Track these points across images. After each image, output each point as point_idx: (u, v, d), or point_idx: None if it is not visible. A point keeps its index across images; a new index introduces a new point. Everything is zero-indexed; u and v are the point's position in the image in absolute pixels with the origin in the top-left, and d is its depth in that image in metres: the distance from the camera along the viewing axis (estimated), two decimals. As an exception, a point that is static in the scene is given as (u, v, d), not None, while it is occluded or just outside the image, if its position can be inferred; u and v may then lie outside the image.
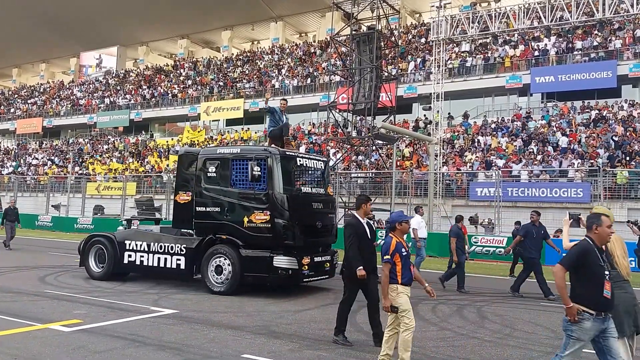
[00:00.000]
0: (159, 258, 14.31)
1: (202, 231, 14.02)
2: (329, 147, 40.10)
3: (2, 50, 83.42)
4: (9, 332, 9.01)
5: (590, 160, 29.23)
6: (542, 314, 12.28)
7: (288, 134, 15.56)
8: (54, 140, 67.74)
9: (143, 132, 61.86)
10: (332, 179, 23.61)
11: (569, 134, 33.38)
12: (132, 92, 64.66)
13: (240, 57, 64.31)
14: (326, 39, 53.65)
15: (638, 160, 28.37)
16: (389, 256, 7.51)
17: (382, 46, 34.42)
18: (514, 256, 18.61)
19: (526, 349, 9.18)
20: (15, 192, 44.39)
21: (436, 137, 32.99)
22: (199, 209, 14.04)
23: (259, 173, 13.00)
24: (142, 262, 14.63)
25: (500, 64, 41.61)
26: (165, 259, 14.20)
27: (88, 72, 79.13)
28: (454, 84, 40.17)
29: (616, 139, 30.96)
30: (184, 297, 12.85)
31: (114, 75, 73.43)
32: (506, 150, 33.70)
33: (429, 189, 29.06)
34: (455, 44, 43.15)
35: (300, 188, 13.94)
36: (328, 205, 14.70)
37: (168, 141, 55.36)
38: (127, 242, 14.93)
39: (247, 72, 58.65)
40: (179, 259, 13.99)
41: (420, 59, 45.80)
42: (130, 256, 14.84)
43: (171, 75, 66.22)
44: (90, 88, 71.69)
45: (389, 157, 34.40)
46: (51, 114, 68.76)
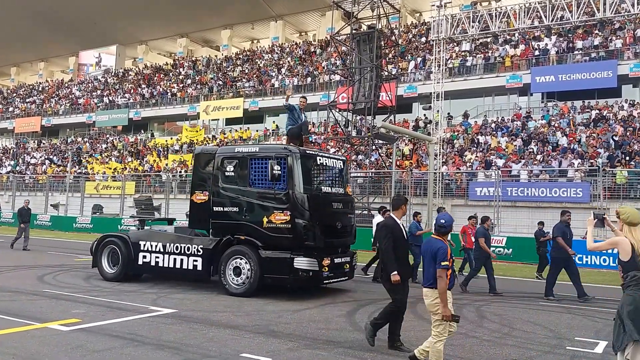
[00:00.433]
0: (174, 259, 14.05)
1: (219, 231, 13.72)
2: (329, 147, 40.06)
3: (0, 49, 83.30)
4: (7, 331, 8.96)
5: (590, 160, 29.19)
6: (541, 314, 12.23)
7: (307, 132, 15.24)
8: (52, 139, 67.72)
9: (142, 131, 61.81)
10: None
11: (568, 133, 33.34)
12: (131, 91, 64.64)
13: (239, 56, 64.29)
14: (326, 38, 53.63)
15: (638, 160, 28.33)
16: (447, 262, 7.17)
17: (382, 45, 34.43)
18: (540, 257, 18.52)
19: (525, 348, 9.15)
20: (13, 191, 44.42)
21: (436, 136, 32.95)
22: (216, 208, 13.79)
23: (279, 172, 12.73)
24: (157, 263, 14.34)
25: (500, 63, 41.58)
26: (182, 260, 13.93)
27: (89, 70, 79.02)
28: (454, 83, 40.18)
29: (616, 138, 30.92)
30: (182, 297, 12.80)
31: (113, 74, 73.40)
32: (506, 150, 33.66)
33: (428, 188, 29.02)
34: (456, 44, 43.12)
35: (320, 187, 13.74)
36: (347, 206, 14.48)
37: (167, 140, 55.32)
38: (141, 242, 14.64)
39: (246, 71, 58.63)
40: (196, 260, 13.72)
41: (420, 58, 45.75)
42: (145, 257, 14.55)
43: (170, 74, 66.19)
44: (89, 87, 71.67)
45: (388, 157, 34.36)
46: (50, 113, 68.75)
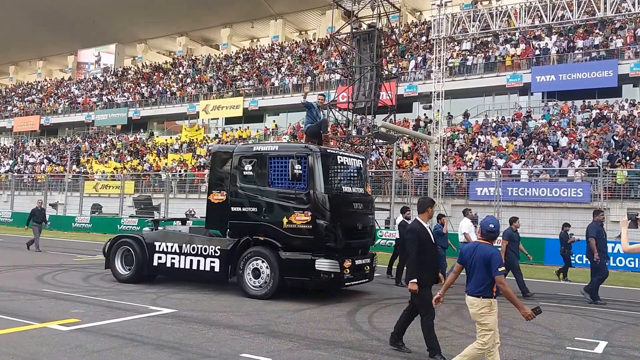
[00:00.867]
0: (191, 260, 13.74)
1: (237, 232, 13.43)
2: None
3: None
4: (6, 331, 8.91)
5: (591, 160, 29.16)
6: (541, 314, 12.16)
7: (327, 130, 14.88)
8: (51, 138, 67.62)
9: (142, 130, 61.75)
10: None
11: (569, 133, 33.31)
12: (131, 90, 64.58)
13: (239, 55, 64.29)
14: (326, 37, 53.58)
15: (638, 160, 28.31)
16: (503, 267, 6.84)
17: (383, 44, 34.37)
18: (564, 260, 18.42)
19: (525, 348, 9.13)
20: (12, 191, 44.34)
21: (436, 136, 32.89)
22: (234, 209, 13.48)
23: (300, 172, 12.47)
24: (173, 264, 14.02)
25: (501, 62, 41.57)
26: (198, 261, 13.63)
27: (90, 68, 78.96)
28: (454, 82, 40.16)
29: (617, 138, 30.88)
30: (182, 297, 12.75)
31: (112, 73, 73.37)
32: (506, 149, 33.63)
33: (428, 188, 29.00)
34: (456, 43, 43.08)
35: (341, 187, 13.51)
36: (367, 206, 14.17)
37: (167, 139, 55.28)
38: (156, 243, 14.32)
39: (246, 70, 58.59)
40: (213, 261, 13.43)
41: (420, 57, 45.72)
42: (160, 258, 14.24)
43: (170, 73, 66.15)
44: (88, 86, 71.63)
45: (389, 156, 34.33)
46: (49, 112, 68.75)
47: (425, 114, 41.10)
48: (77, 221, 37.08)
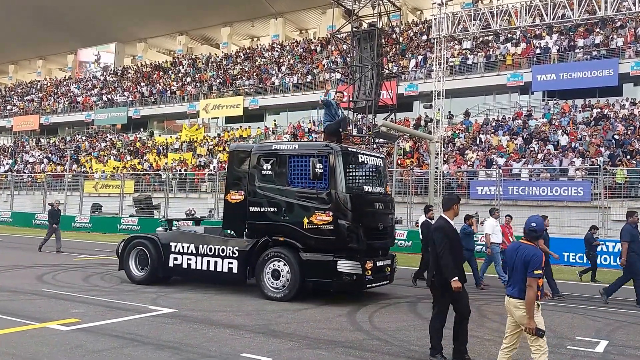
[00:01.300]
0: (208, 261, 13.47)
1: (256, 232, 13.23)
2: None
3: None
4: (6, 331, 8.90)
5: (591, 159, 29.13)
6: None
7: (347, 128, 14.45)
8: (51, 137, 67.57)
9: (142, 130, 61.71)
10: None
11: (569, 132, 33.28)
12: (131, 89, 64.55)
13: (239, 54, 64.24)
14: (327, 36, 53.56)
15: (639, 158, 28.29)
16: (540, 271, 6.48)
17: (383, 43, 34.27)
18: (591, 262, 18.23)
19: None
20: (12, 191, 44.29)
21: (437, 135, 32.87)
22: (252, 209, 13.21)
23: (322, 171, 12.15)
24: (189, 265, 13.75)
25: (501, 61, 41.52)
26: (216, 262, 13.36)
27: (91, 67, 78.92)
28: (455, 81, 40.17)
29: (617, 137, 30.85)
30: (182, 296, 12.72)
31: (112, 72, 73.34)
32: (507, 148, 33.60)
33: (429, 187, 28.96)
34: (457, 42, 43.05)
35: (362, 187, 13.22)
36: (388, 206, 13.87)
37: (167, 139, 55.24)
38: (172, 244, 14.05)
39: (246, 69, 58.56)
40: (231, 262, 13.16)
41: (421, 56, 45.70)
42: (176, 259, 13.96)
43: (170, 72, 66.11)
44: (88, 85, 71.60)
45: (389, 156, 34.27)
46: (48, 111, 68.69)
47: (425, 113, 41.06)
48: (77, 221, 37.04)
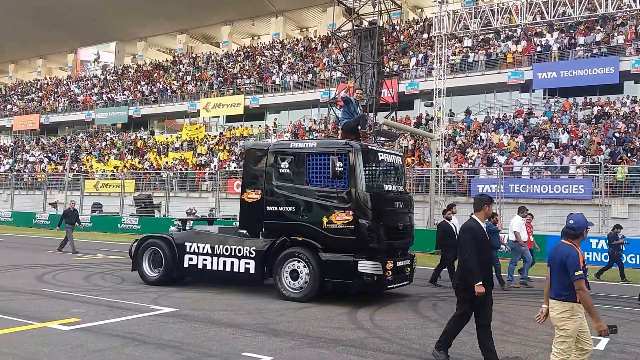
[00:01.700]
0: (224, 261, 13.25)
1: (273, 232, 13.00)
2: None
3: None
4: (6, 331, 8.87)
5: (592, 157, 29.12)
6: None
7: (366, 126, 14.13)
8: (51, 137, 67.55)
9: (142, 129, 61.68)
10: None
11: (570, 130, 33.26)
12: (131, 88, 64.53)
13: (240, 53, 64.21)
14: (327, 34, 53.55)
15: (639, 156, 28.25)
16: (580, 271, 6.18)
17: (384, 42, 34.29)
18: (615, 261, 18.02)
19: (526, 345, 9.09)
20: (12, 190, 44.29)
21: (438, 133, 32.83)
22: (269, 208, 12.98)
23: (342, 169, 11.92)
24: (205, 265, 13.52)
25: (502, 59, 41.48)
26: (232, 262, 13.14)
27: (91, 66, 78.88)
28: (455, 80, 40.17)
29: (618, 135, 30.83)
30: (183, 296, 12.69)
31: (112, 72, 73.32)
32: (508, 146, 33.59)
33: (430, 185, 28.94)
34: (457, 40, 42.98)
35: (382, 185, 13.04)
36: (407, 204, 13.62)
37: (167, 138, 55.23)
38: (187, 244, 13.84)
39: (247, 67, 58.53)
40: (248, 263, 12.94)
41: (422, 54, 45.66)
42: (191, 259, 13.74)
43: (170, 71, 66.08)
44: (88, 84, 71.59)
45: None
46: (48, 110, 68.64)
47: (426, 111, 41.02)
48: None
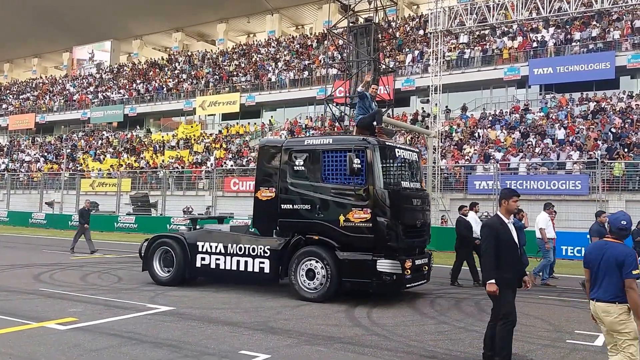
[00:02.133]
0: (238, 261, 13.04)
1: (288, 231, 12.78)
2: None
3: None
4: (3, 331, 8.86)
5: (589, 152, 29.13)
6: (541, 307, 12.16)
7: (381, 122, 13.74)
8: (47, 136, 67.42)
9: (138, 127, 61.59)
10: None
11: (567, 126, 33.27)
12: (127, 87, 64.43)
13: (236, 50, 64.13)
14: (323, 31, 53.49)
15: (636, 151, 28.27)
16: (638, 270, 5.89)
17: (380, 38, 34.21)
18: None
19: (524, 341, 9.07)
20: (7, 190, 44.19)
21: (434, 130, 32.81)
22: (284, 206, 12.75)
23: (359, 166, 11.65)
24: (218, 265, 13.31)
25: (498, 55, 41.51)
26: (246, 261, 12.93)
27: (87, 65, 78.73)
28: (452, 76, 40.15)
29: (614, 130, 30.85)
30: (180, 294, 12.65)
31: (107, 70, 73.21)
32: (504, 142, 33.59)
33: (427, 182, 28.91)
34: (453, 36, 43.00)
35: (399, 182, 12.68)
36: (425, 202, 13.44)
37: (163, 136, 55.15)
38: (199, 243, 13.62)
39: (243, 65, 58.46)
40: (262, 262, 12.74)
41: (418, 51, 45.66)
42: (204, 259, 13.52)
43: (166, 69, 65.99)
44: (83, 83, 71.48)
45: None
46: (44, 109, 68.52)
47: (423, 108, 41.01)
48: (74, 219, 36.86)
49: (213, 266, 13.42)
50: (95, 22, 72.87)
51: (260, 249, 12.82)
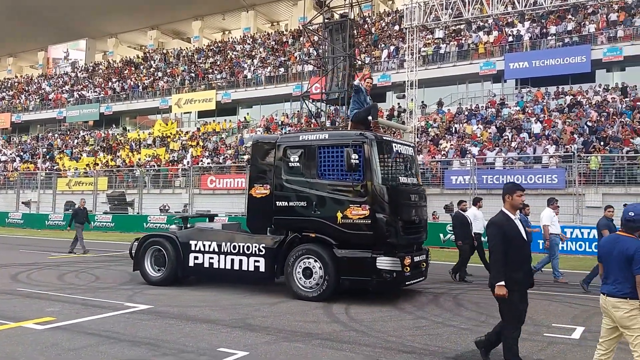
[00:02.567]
0: (232, 260, 12.79)
1: (283, 228, 12.56)
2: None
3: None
4: (-23, 332, 8.76)
5: (565, 146, 29.33)
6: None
7: (377, 117, 13.44)
8: (22, 135, 66.77)
9: (114, 126, 61.17)
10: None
11: (543, 120, 33.49)
12: (102, 85, 63.95)
13: (211, 48, 63.90)
14: (298, 27, 53.40)
15: (612, 145, 28.51)
16: None
17: (355, 34, 34.23)
18: None
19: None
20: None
21: (410, 125, 32.93)
22: (279, 203, 12.52)
23: (357, 161, 11.47)
24: (211, 264, 13.05)
25: (474, 50, 41.69)
26: (241, 260, 12.67)
27: (62, 63, 78.02)
28: (427, 71, 40.29)
29: (590, 124, 31.09)
30: (158, 293, 12.59)
31: (82, 69, 72.63)
32: (481, 137, 33.74)
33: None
34: (429, 31, 43.12)
35: (397, 178, 12.45)
36: (422, 197, 13.23)
37: (139, 134, 54.82)
38: (192, 242, 13.34)
39: (218, 62, 58.26)
40: (257, 260, 12.48)
41: (393, 46, 45.74)
42: (197, 258, 13.25)
43: (141, 67, 65.59)
44: (59, 82, 70.84)
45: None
46: (20, 109, 67.83)
47: (399, 103, 41.13)
48: (51, 219, 36.67)
49: (206, 265, 13.19)
50: (71, 20, 72.21)
51: (255, 247, 12.60)
